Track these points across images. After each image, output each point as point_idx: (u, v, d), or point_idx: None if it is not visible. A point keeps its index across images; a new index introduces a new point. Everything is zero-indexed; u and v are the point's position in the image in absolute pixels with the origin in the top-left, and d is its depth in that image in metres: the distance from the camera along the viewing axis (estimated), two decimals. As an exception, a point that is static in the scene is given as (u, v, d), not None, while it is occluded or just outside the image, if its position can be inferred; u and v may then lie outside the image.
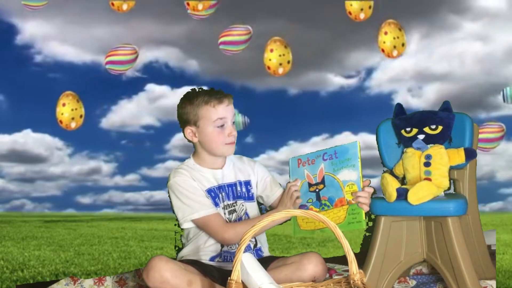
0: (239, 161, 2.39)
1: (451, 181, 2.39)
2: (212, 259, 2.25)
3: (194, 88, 2.29)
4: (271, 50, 3.67)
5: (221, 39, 3.65)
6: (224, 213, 2.27)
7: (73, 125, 3.72)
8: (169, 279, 1.99)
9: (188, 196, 2.22)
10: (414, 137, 2.32)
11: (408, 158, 2.32)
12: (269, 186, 2.37)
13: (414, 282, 2.55)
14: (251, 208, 2.33)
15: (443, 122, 2.29)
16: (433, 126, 2.30)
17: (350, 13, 3.62)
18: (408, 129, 2.34)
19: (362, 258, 2.30)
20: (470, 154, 2.28)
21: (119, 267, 5.00)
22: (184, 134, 2.29)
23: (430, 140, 2.31)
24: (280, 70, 3.70)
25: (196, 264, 2.16)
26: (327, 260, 2.89)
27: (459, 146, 2.31)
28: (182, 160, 2.38)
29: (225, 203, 2.28)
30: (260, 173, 2.38)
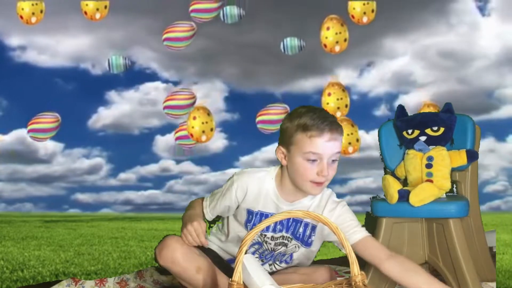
0: (323, 202, 2.08)
1: (453, 182, 2.38)
2: (230, 261, 2.19)
3: (309, 107, 1.97)
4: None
5: (165, 35, 3.63)
6: (267, 242, 2.10)
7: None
8: (180, 261, 1.97)
9: (219, 197, 2.10)
10: (416, 139, 2.32)
11: (409, 160, 2.32)
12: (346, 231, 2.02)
13: (415, 284, 2.54)
14: (302, 255, 2.13)
15: (444, 124, 2.29)
16: (435, 128, 2.29)
17: (353, 16, 3.61)
18: (409, 130, 2.33)
19: (364, 260, 2.29)
20: (472, 156, 2.28)
21: (119, 267, 5.00)
22: (276, 152, 2.03)
23: (432, 141, 2.30)
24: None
25: (211, 254, 2.15)
26: (328, 261, 2.89)
27: (461, 148, 2.30)
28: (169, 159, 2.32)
29: (278, 234, 2.08)
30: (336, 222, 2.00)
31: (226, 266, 2.17)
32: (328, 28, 3.64)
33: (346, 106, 3.71)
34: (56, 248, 5.99)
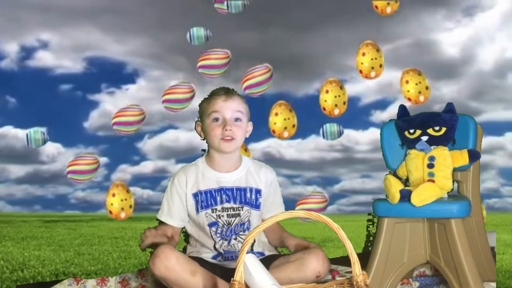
0: (256, 167, 2.37)
1: (455, 182, 2.37)
2: (214, 257, 2.28)
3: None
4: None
5: (200, 63, 3.57)
6: (220, 216, 2.27)
7: None
8: (175, 266, 2.02)
9: (167, 198, 2.32)
10: (418, 139, 2.31)
11: (411, 160, 2.32)
12: (266, 204, 2.37)
13: (417, 284, 2.54)
14: (256, 217, 2.32)
15: (446, 124, 2.28)
16: (437, 128, 2.29)
17: (376, 7, 3.55)
18: (411, 130, 2.33)
19: (365, 260, 2.29)
20: (474, 156, 2.28)
21: (119, 267, 5.01)
22: (195, 129, 2.34)
23: (434, 141, 2.30)
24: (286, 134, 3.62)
25: (199, 260, 2.18)
26: (329, 260, 2.88)
27: (463, 148, 2.30)
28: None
29: (225, 205, 2.27)
30: (268, 186, 2.36)
31: (219, 269, 2.19)
32: (327, 91, 3.60)
33: (381, 66, 3.59)
34: (56, 248, 5.99)
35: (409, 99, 3.42)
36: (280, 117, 3.58)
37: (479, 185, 2.46)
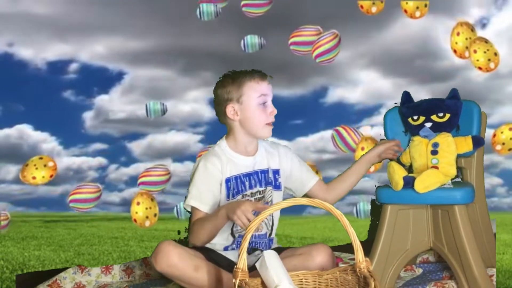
0: (272, 147, 2.34)
1: (459, 169, 2.37)
2: (225, 248, 2.23)
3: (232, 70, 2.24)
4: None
5: (292, 39, 3.50)
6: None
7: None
8: (177, 263, 2.00)
9: (197, 184, 2.18)
10: (421, 125, 2.32)
11: (415, 147, 2.32)
12: (301, 176, 2.36)
13: (420, 270, 2.54)
14: (277, 197, 2.29)
15: (450, 110, 2.29)
16: (441, 114, 2.29)
17: (361, 6, 3.53)
18: (415, 117, 2.33)
19: (369, 247, 2.29)
20: (478, 142, 2.28)
21: (120, 267, 5.00)
22: (223, 114, 2.22)
23: (438, 128, 2.30)
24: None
25: (205, 251, 2.15)
26: (332, 248, 2.89)
27: (467, 134, 2.30)
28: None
29: (253, 190, 2.24)
30: (289, 163, 2.34)
31: (226, 260, 2.17)
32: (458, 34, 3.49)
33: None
34: (56, 248, 5.99)
35: (480, 68, 3.35)
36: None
37: (483, 172, 2.46)
